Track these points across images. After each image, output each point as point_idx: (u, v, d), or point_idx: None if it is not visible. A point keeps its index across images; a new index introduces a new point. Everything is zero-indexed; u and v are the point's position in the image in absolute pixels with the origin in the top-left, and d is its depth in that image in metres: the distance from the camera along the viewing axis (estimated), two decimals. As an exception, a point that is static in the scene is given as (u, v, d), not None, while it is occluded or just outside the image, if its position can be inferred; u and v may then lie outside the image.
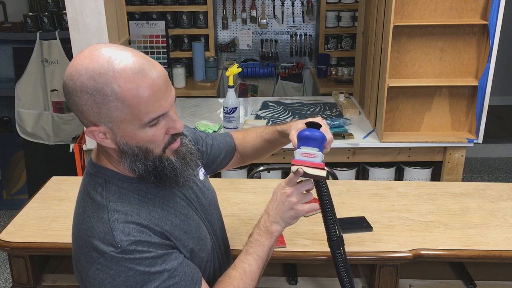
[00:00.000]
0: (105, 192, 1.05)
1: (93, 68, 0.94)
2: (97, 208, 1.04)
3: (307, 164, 1.16)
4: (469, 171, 4.25)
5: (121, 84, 0.94)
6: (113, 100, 0.94)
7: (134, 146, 1.01)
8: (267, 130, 1.46)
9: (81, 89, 0.95)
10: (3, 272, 3.09)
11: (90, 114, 0.97)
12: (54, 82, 3.39)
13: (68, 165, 2.85)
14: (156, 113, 0.98)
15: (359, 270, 1.74)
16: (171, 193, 1.14)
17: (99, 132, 1.00)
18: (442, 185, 2.02)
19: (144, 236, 1.01)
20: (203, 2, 3.87)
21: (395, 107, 2.54)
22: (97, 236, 1.00)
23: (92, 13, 2.23)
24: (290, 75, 4.18)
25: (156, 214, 1.07)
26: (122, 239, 0.99)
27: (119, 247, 0.98)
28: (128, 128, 0.98)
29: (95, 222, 1.02)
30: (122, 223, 1.01)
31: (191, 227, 1.15)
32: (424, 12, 2.37)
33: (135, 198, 1.07)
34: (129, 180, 1.08)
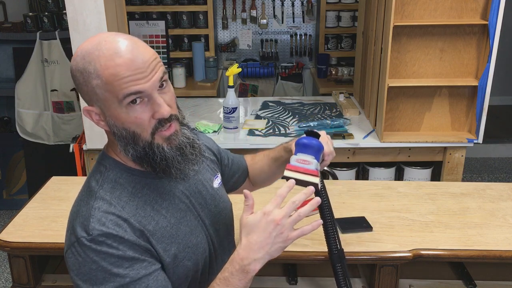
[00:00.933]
0: (101, 180, 1.07)
1: (86, 48, 1.00)
2: (88, 194, 1.06)
3: (301, 170, 1.16)
4: (469, 171, 4.25)
5: (102, 62, 0.97)
6: (95, 78, 0.98)
7: (122, 129, 1.02)
8: (273, 149, 1.45)
9: (75, 68, 1.01)
10: (3, 272, 3.09)
11: (84, 94, 1.03)
12: (54, 82, 3.39)
13: (68, 165, 2.85)
14: (129, 89, 0.97)
15: (359, 270, 1.74)
16: (171, 192, 1.12)
17: (95, 113, 1.03)
18: (442, 185, 2.02)
19: (119, 230, 1.00)
20: (203, 2, 3.87)
21: (395, 107, 2.54)
22: (78, 220, 1.02)
23: (92, 13, 2.23)
24: (290, 75, 4.18)
25: (142, 212, 1.06)
26: (95, 228, 0.99)
27: (90, 234, 0.99)
28: (112, 107, 1.00)
29: (81, 206, 1.04)
30: (102, 212, 1.01)
31: (180, 232, 1.10)
32: (424, 12, 2.37)
33: (127, 191, 1.06)
34: (129, 171, 1.08)
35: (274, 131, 2.66)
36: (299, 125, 2.69)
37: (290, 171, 1.16)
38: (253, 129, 2.67)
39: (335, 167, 2.61)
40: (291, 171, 1.16)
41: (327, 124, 2.67)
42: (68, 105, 3.42)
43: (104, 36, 1.01)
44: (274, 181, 1.52)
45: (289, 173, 1.16)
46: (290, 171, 1.16)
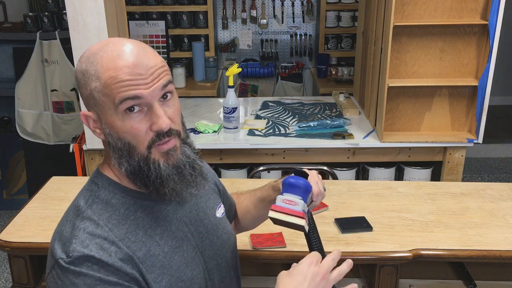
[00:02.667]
0: (91, 199, 0.99)
1: (93, 50, 0.96)
2: (75, 213, 0.98)
3: (285, 211, 1.09)
4: (469, 171, 4.25)
5: (104, 64, 0.93)
6: (94, 80, 0.93)
7: (117, 139, 0.95)
8: (260, 188, 1.33)
9: (78, 69, 0.97)
10: (3, 272, 3.09)
11: (83, 96, 0.98)
12: (54, 82, 3.39)
13: (68, 165, 2.85)
14: (126, 94, 0.91)
15: (359, 270, 1.74)
16: (168, 217, 1.03)
17: (92, 120, 0.98)
18: (442, 185, 2.02)
19: (102, 254, 0.92)
20: (203, 2, 3.87)
21: (395, 107, 2.54)
22: (59, 240, 0.95)
23: (92, 13, 2.23)
24: (290, 75, 4.18)
25: (133, 236, 0.97)
26: (76, 249, 0.91)
27: (70, 256, 0.91)
28: (108, 113, 0.94)
29: (65, 226, 0.97)
30: (87, 233, 0.93)
31: (173, 263, 1.01)
32: (424, 12, 2.37)
33: (119, 213, 0.98)
34: (124, 191, 1.00)
35: (274, 131, 2.66)
36: (299, 125, 2.69)
37: (275, 212, 1.10)
38: (253, 129, 2.67)
39: (335, 167, 2.61)
40: (275, 211, 1.10)
41: (327, 124, 2.67)
42: (68, 105, 3.42)
43: (113, 39, 0.97)
44: (259, 224, 1.40)
45: (274, 214, 1.09)
46: (275, 212, 1.10)
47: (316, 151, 2.55)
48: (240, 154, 2.57)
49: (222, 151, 2.56)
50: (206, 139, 2.57)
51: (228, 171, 2.67)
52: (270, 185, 1.27)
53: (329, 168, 2.33)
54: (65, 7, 2.23)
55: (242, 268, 1.62)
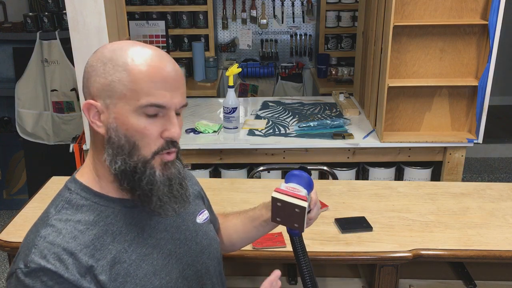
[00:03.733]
0: (61, 205, 0.97)
1: (118, 45, 0.96)
2: (42, 219, 0.97)
3: (289, 194, 1.10)
4: (469, 171, 4.25)
5: (135, 59, 0.92)
6: (121, 71, 0.92)
7: (122, 135, 0.93)
8: (252, 208, 1.31)
9: (98, 58, 0.95)
10: (3, 272, 3.09)
11: (95, 85, 0.94)
12: (54, 82, 3.39)
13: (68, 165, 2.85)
14: (155, 99, 0.92)
15: (359, 270, 1.74)
16: (140, 224, 1.01)
17: (95, 110, 0.95)
18: (442, 185, 2.02)
19: (58, 266, 0.89)
20: (203, 2, 3.87)
21: (395, 107, 2.54)
22: (22, 248, 0.94)
23: (92, 13, 2.23)
24: (290, 75, 4.18)
25: (99, 243, 0.94)
26: (34, 260, 0.89)
27: (28, 267, 0.89)
28: (124, 108, 0.92)
29: (30, 233, 0.96)
30: (47, 242, 0.91)
31: (140, 271, 0.98)
32: (424, 12, 2.37)
33: (88, 218, 0.96)
34: (96, 197, 0.98)
35: (274, 131, 2.66)
36: (299, 125, 2.69)
37: (278, 193, 1.10)
38: (253, 129, 2.67)
39: (335, 167, 2.61)
40: (279, 193, 1.10)
41: (327, 124, 2.67)
42: (68, 105, 3.42)
43: (138, 42, 0.98)
44: (244, 245, 1.36)
45: (277, 195, 1.10)
46: (278, 193, 1.10)
47: (316, 151, 2.55)
48: (240, 154, 2.57)
49: (222, 151, 2.56)
50: (206, 139, 2.57)
51: (228, 171, 2.67)
52: (263, 205, 1.27)
53: (329, 168, 2.33)
54: (65, 7, 2.23)
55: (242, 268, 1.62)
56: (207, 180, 2.25)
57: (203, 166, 2.63)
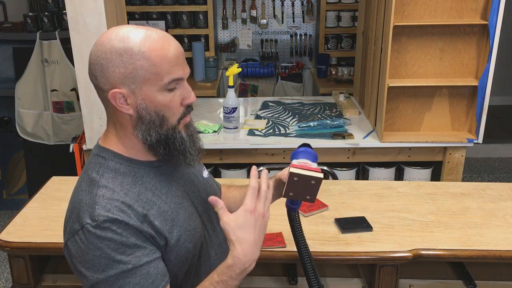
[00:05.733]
0: (102, 170, 1.09)
1: (123, 33, 1.04)
2: (90, 183, 1.08)
3: (304, 167, 1.20)
4: (469, 171, 4.25)
5: (148, 45, 1.03)
6: (140, 59, 1.03)
7: (152, 111, 1.06)
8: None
9: (110, 50, 1.04)
10: (3, 272, 3.09)
11: (116, 75, 1.04)
12: (54, 82, 3.39)
13: (68, 165, 2.85)
14: (176, 74, 1.06)
15: (359, 270, 1.74)
16: (167, 180, 1.17)
17: (121, 96, 1.05)
18: (442, 185, 2.02)
19: (123, 216, 1.03)
20: (203, 2, 3.87)
21: (395, 107, 2.54)
22: (82, 208, 1.04)
23: (92, 13, 2.23)
24: (290, 75, 4.18)
25: (144, 197, 1.09)
26: (101, 214, 1.01)
27: (96, 220, 1.01)
28: (150, 89, 1.05)
29: (84, 196, 1.07)
30: (107, 199, 1.04)
31: (180, 216, 1.14)
32: (424, 12, 2.37)
33: (128, 180, 1.09)
34: (129, 161, 1.12)
35: (274, 131, 2.66)
36: (299, 125, 2.69)
37: (295, 168, 1.19)
38: (253, 129, 2.67)
39: (335, 167, 2.61)
40: (296, 167, 1.20)
41: (327, 124, 2.67)
42: (68, 105, 3.42)
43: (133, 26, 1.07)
44: None
45: (295, 169, 1.19)
46: (295, 168, 1.19)
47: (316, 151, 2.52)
48: (240, 154, 2.57)
49: (222, 151, 2.56)
50: (206, 139, 2.57)
51: (228, 171, 2.67)
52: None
53: (329, 168, 2.33)
54: (65, 7, 2.23)
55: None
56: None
57: (203, 166, 2.63)
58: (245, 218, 1.09)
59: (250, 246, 1.08)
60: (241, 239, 1.08)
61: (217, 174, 2.70)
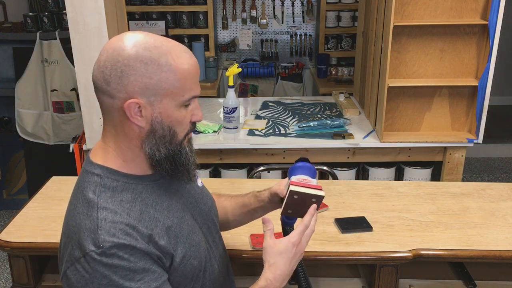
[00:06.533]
0: (98, 189, 1.02)
1: (147, 41, 1.00)
2: (88, 205, 1.01)
3: (304, 185, 1.16)
4: (469, 171, 4.25)
5: (174, 58, 1.00)
6: (166, 71, 0.99)
7: (166, 126, 1.03)
8: (242, 194, 1.40)
9: (135, 57, 0.98)
10: (3, 272, 3.09)
11: (137, 85, 0.98)
12: (54, 82, 3.39)
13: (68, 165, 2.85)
14: (195, 91, 1.04)
15: (359, 270, 1.74)
16: (166, 194, 1.11)
17: (137, 107, 0.99)
18: (442, 185, 2.02)
19: (130, 239, 0.97)
20: (203, 2, 3.87)
21: (395, 107, 2.54)
22: (83, 234, 0.97)
23: (92, 13, 2.23)
24: (290, 75, 4.18)
25: (147, 216, 1.03)
26: (106, 239, 0.95)
27: (101, 247, 0.95)
28: (169, 103, 1.01)
29: (83, 219, 0.99)
30: (110, 222, 0.98)
31: (183, 231, 1.10)
32: (424, 12, 2.37)
33: (127, 198, 1.03)
34: (125, 176, 1.05)
35: (274, 131, 2.66)
36: (299, 125, 2.69)
37: (295, 186, 1.16)
38: (253, 129, 2.67)
39: (335, 167, 2.61)
40: (295, 185, 1.16)
41: (327, 124, 2.67)
42: (68, 105, 3.42)
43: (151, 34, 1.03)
44: (227, 229, 1.44)
45: (295, 187, 1.15)
46: (295, 186, 1.16)
47: (316, 151, 2.55)
48: (240, 154, 2.57)
49: (222, 151, 2.56)
50: (206, 139, 2.57)
51: (228, 171, 2.67)
52: (253, 194, 1.36)
53: (329, 168, 2.33)
54: (65, 7, 2.23)
55: (242, 268, 1.62)
56: (207, 180, 2.25)
57: (203, 166, 2.63)
58: (286, 247, 1.12)
59: (282, 274, 1.11)
60: (277, 265, 1.11)
61: (217, 174, 2.70)
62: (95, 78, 1.01)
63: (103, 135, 1.08)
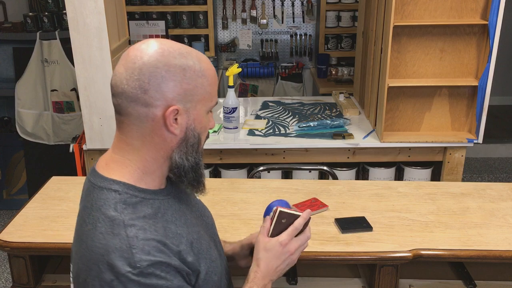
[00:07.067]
0: (119, 206, 0.95)
1: (179, 48, 0.98)
2: (112, 224, 0.93)
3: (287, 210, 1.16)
4: (469, 171, 4.25)
5: (204, 64, 1.00)
6: (201, 76, 0.98)
7: (196, 134, 1.01)
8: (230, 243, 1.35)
9: (174, 64, 0.95)
10: (3, 272, 3.09)
11: (176, 91, 0.95)
12: (54, 82, 3.39)
13: (68, 165, 2.85)
14: (216, 97, 1.05)
15: (359, 270, 1.74)
16: (180, 209, 1.07)
17: (174, 114, 0.96)
18: (442, 185, 2.02)
19: (164, 256, 0.93)
20: (203, 2, 3.87)
21: (395, 107, 2.54)
22: (113, 255, 0.90)
23: (92, 13, 2.23)
24: (290, 75, 4.18)
25: (170, 232, 0.98)
26: (142, 258, 0.90)
27: (138, 267, 0.89)
28: (201, 109, 1.00)
29: (110, 239, 0.92)
30: (142, 240, 0.92)
31: (203, 247, 1.06)
32: (424, 12, 2.37)
33: (149, 213, 0.98)
34: (142, 193, 1.00)
35: (274, 131, 2.66)
36: (299, 125, 2.69)
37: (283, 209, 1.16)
38: (253, 129, 2.67)
39: (335, 167, 2.61)
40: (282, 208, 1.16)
41: (327, 124, 2.68)
42: (68, 105, 3.42)
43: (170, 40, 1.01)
44: None
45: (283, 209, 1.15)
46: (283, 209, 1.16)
47: (316, 151, 2.55)
48: (240, 154, 2.57)
49: (222, 151, 2.56)
50: (206, 139, 2.56)
51: (228, 171, 2.67)
52: (239, 242, 1.32)
53: (329, 168, 2.33)
54: (65, 7, 2.23)
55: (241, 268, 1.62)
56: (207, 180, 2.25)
57: (203, 166, 2.63)
58: (273, 245, 1.12)
59: (267, 269, 1.12)
60: (263, 260, 1.12)
61: (217, 174, 2.70)
62: (126, 87, 0.94)
63: (119, 148, 1.00)
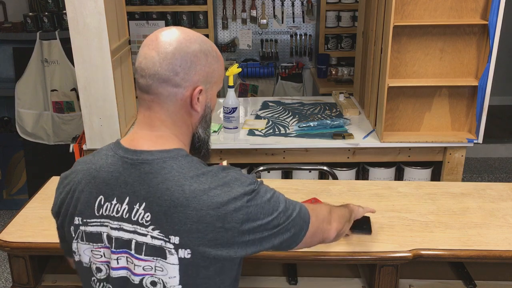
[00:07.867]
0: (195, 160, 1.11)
1: (199, 36, 1.13)
2: (207, 174, 1.07)
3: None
4: (469, 171, 4.25)
5: (217, 51, 1.16)
6: (217, 61, 1.15)
7: (210, 110, 1.17)
8: None
9: (200, 50, 1.11)
10: (3, 272, 3.09)
11: (201, 74, 1.11)
12: (54, 82, 3.39)
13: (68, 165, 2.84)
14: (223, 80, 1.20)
15: (359, 270, 1.74)
16: None
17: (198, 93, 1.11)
18: (442, 185, 2.02)
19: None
20: (203, 2, 3.87)
21: (395, 107, 2.54)
22: (232, 184, 1.06)
23: (92, 13, 2.23)
24: (290, 75, 4.18)
25: None
26: (251, 179, 1.09)
27: (255, 182, 1.09)
28: (215, 90, 1.16)
29: (209, 181, 1.05)
30: (236, 171, 1.11)
31: None
32: (424, 12, 2.37)
33: None
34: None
35: (274, 131, 2.66)
36: (299, 125, 2.69)
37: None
38: (253, 129, 2.67)
39: (335, 167, 2.61)
40: None
41: (327, 124, 2.68)
42: (68, 105, 3.42)
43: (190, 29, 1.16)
44: None
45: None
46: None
47: (316, 151, 2.55)
48: (240, 154, 2.57)
49: (222, 151, 2.56)
50: (206, 139, 2.57)
51: (228, 171, 2.66)
52: None
53: (329, 168, 2.33)
54: (65, 7, 2.23)
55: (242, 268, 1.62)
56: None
57: (203, 166, 2.63)
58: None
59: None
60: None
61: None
62: (160, 69, 1.07)
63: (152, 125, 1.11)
